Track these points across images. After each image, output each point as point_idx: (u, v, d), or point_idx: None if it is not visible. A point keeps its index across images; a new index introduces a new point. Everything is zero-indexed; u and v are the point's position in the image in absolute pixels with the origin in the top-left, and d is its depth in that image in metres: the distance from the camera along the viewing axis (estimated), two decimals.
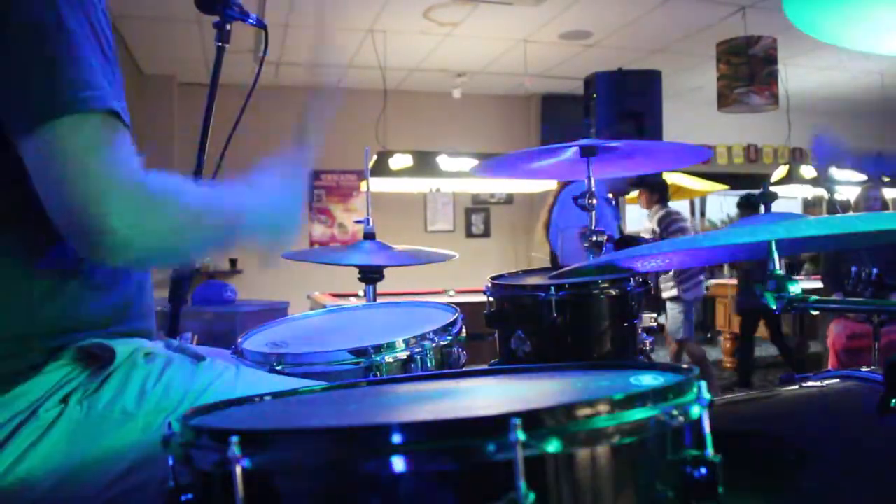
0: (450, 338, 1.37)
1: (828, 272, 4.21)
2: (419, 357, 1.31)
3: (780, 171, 6.91)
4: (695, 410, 0.60)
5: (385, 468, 0.52)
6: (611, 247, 1.88)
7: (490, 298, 1.75)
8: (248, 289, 6.08)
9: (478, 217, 8.26)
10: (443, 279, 5.20)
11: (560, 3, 5.38)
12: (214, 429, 0.60)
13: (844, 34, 0.97)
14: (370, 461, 0.52)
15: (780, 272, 0.99)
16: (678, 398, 0.60)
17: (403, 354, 1.30)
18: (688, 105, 7.63)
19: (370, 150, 2.27)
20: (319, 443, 0.55)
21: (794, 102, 6.90)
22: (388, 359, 1.28)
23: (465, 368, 1.37)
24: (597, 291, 1.66)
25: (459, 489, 0.53)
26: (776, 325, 5.50)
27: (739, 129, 8.28)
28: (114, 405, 0.92)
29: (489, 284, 1.76)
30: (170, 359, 1.02)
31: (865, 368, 1.07)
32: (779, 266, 0.99)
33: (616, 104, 4.23)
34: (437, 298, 3.47)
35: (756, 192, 6.60)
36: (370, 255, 1.94)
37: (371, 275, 2.00)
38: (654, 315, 1.79)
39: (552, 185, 3.44)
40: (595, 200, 1.79)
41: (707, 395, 0.61)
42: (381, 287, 2.04)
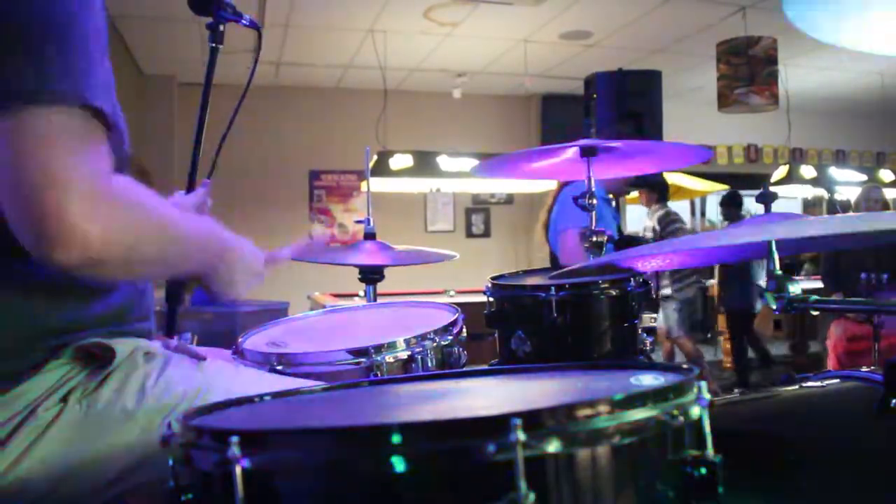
0: (450, 338, 1.37)
1: (828, 272, 4.21)
2: (420, 357, 1.31)
3: (780, 171, 6.91)
4: (695, 410, 0.60)
5: (385, 468, 0.52)
6: (611, 247, 1.88)
7: (490, 298, 1.75)
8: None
9: (478, 217, 8.26)
10: (443, 279, 5.21)
11: (560, 3, 5.38)
12: (214, 429, 0.60)
13: (844, 34, 0.97)
14: (370, 461, 0.52)
15: (780, 272, 0.99)
16: (678, 398, 0.60)
17: (404, 354, 1.30)
18: (688, 105, 7.63)
19: (370, 150, 2.27)
20: (319, 443, 0.55)
21: (794, 102, 6.90)
22: (389, 359, 1.28)
23: (466, 368, 1.37)
24: (597, 291, 1.66)
25: (460, 489, 0.53)
26: (749, 325, 5.68)
27: (739, 129, 8.28)
28: (113, 404, 0.92)
29: (489, 284, 1.76)
30: (169, 358, 1.02)
31: (865, 369, 1.07)
32: (779, 266, 0.99)
33: (616, 104, 4.23)
34: (438, 298, 3.46)
35: (738, 191, 6.68)
36: (370, 255, 1.94)
37: (371, 275, 2.00)
38: (654, 315, 1.79)
39: (552, 186, 3.44)
40: (595, 200, 1.79)
41: (707, 395, 0.61)
42: (382, 287, 2.04)
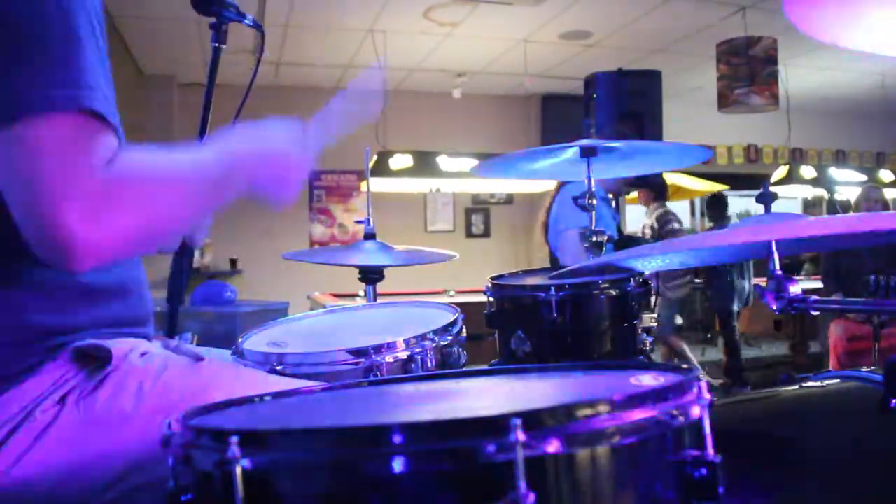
0: (450, 338, 1.37)
1: (828, 272, 4.21)
2: (419, 357, 1.31)
3: (780, 172, 6.91)
4: (695, 410, 0.60)
5: (385, 468, 0.52)
6: (610, 247, 1.88)
7: (490, 298, 1.75)
8: (248, 289, 6.09)
9: (478, 217, 8.26)
10: (443, 279, 5.20)
11: (560, 3, 5.38)
12: (214, 429, 0.59)
13: (844, 34, 0.97)
14: (370, 461, 0.52)
15: (780, 272, 0.99)
16: (678, 398, 0.60)
17: (404, 354, 1.29)
18: (688, 105, 7.63)
19: (370, 151, 2.27)
20: (319, 443, 0.55)
21: (794, 102, 6.90)
22: (389, 359, 1.28)
23: (466, 368, 1.37)
24: (597, 291, 1.66)
25: (460, 489, 0.53)
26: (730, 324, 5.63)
27: (739, 129, 8.28)
28: (111, 406, 0.92)
29: (489, 284, 1.76)
30: (168, 359, 1.02)
31: (866, 369, 1.07)
32: (779, 266, 0.99)
33: (616, 104, 4.24)
34: (437, 298, 3.47)
35: (724, 192, 6.74)
36: (370, 255, 1.94)
37: (371, 275, 2.00)
38: (654, 315, 1.79)
39: (552, 186, 3.45)
40: (595, 200, 1.79)
41: (707, 395, 0.61)
42: (381, 287, 2.04)
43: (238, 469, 0.54)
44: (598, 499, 0.56)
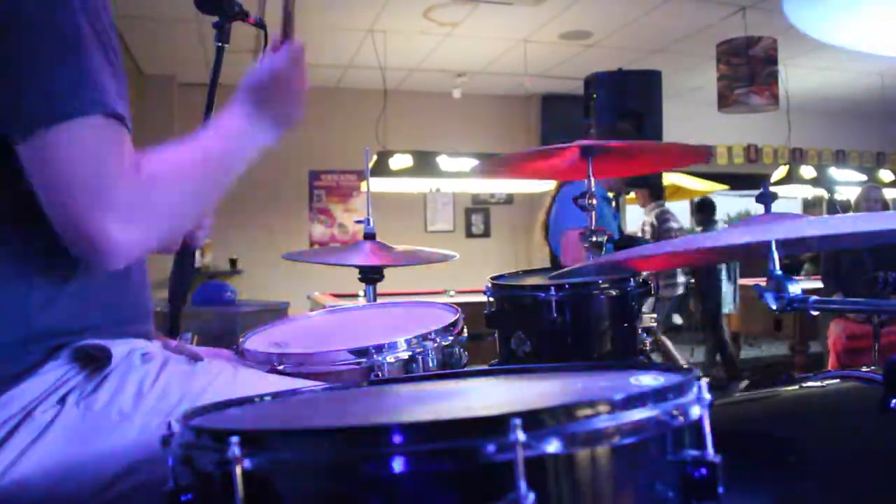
0: (451, 338, 1.37)
1: (828, 272, 4.21)
2: (420, 357, 1.31)
3: (780, 172, 6.90)
4: (695, 410, 0.60)
5: (385, 468, 0.52)
6: (611, 247, 1.88)
7: (490, 298, 1.75)
8: (248, 289, 6.08)
9: (478, 217, 8.26)
10: (443, 279, 5.20)
11: (560, 3, 5.38)
12: (214, 429, 0.60)
13: (844, 34, 0.97)
14: (370, 462, 0.52)
15: (780, 272, 0.99)
16: (678, 398, 0.60)
17: (404, 354, 1.29)
18: (688, 105, 7.62)
19: (370, 151, 2.27)
20: (320, 443, 0.55)
21: (794, 102, 6.90)
22: (389, 359, 1.28)
23: (466, 368, 1.37)
24: (597, 291, 1.66)
25: (459, 489, 0.53)
26: (718, 323, 5.78)
27: (739, 129, 8.28)
28: (111, 406, 0.92)
29: (489, 284, 1.76)
30: (167, 359, 1.02)
31: (865, 368, 1.07)
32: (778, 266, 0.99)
33: (616, 104, 4.24)
34: (438, 298, 3.46)
35: (710, 196, 6.83)
36: (370, 256, 1.94)
37: (371, 275, 2.00)
38: (654, 315, 1.79)
39: (552, 186, 3.45)
40: (595, 200, 1.79)
41: (707, 395, 0.61)
42: (381, 287, 2.04)
43: (238, 469, 0.54)
44: (598, 499, 0.56)
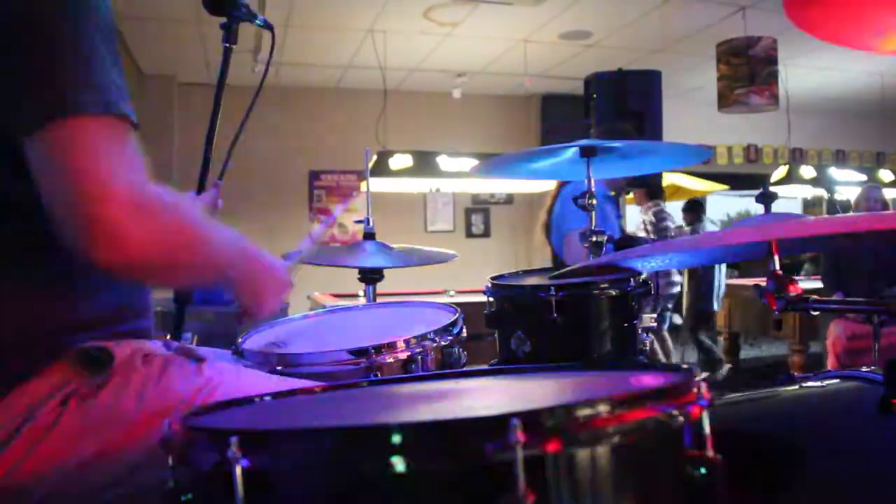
0: (450, 338, 1.37)
1: (828, 272, 4.21)
2: (419, 357, 1.31)
3: (780, 172, 6.91)
4: (695, 410, 0.60)
5: (385, 468, 0.52)
6: (611, 247, 1.88)
7: (490, 298, 1.75)
8: None
9: (478, 217, 8.26)
10: (443, 279, 5.20)
11: (560, 3, 5.38)
12: (214, 429, 0.60)
13: (844, 34, 0.97)
14: (370, 461, 0.52)
15: (780, 272, 0.99)
16: (678, 398, 0.60)
17: (404, 355, 1.30)
18: (688, 105, 7.62)
19: (370, 151, 2.27)
20: (319, 443, 0.55)
21: (794, 102, 6.90)
22: (389, 359, 1.28)
23: (466, 368, 1.37)
24: (597, 291, 1.66)
25: (459, 489, 0.53)
26: (707, 322, 6.12)
27: (739, 129, 8.28)
28: (113, 407, 0.92)
29: (489, 284, 1.76)
30: (169, 360, 1.02)
31: (865, 368, 1.07)
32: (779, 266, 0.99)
33: (616, 104, 4.23)
34: (437, 298, 3.46)
35: (697, 198, 6.93)
36: (370, 256, 1.94)
37: (371, 275, 2.00)
38: (654, 315, 1.79)
39: (552, 186, 3.44)
40: (595, 200, 1.79)
41: (707, 395, 0.61)
42: (381, 287, 2.04)
43: (238, 469, 0.54)
44: (598, 499, 0.56)
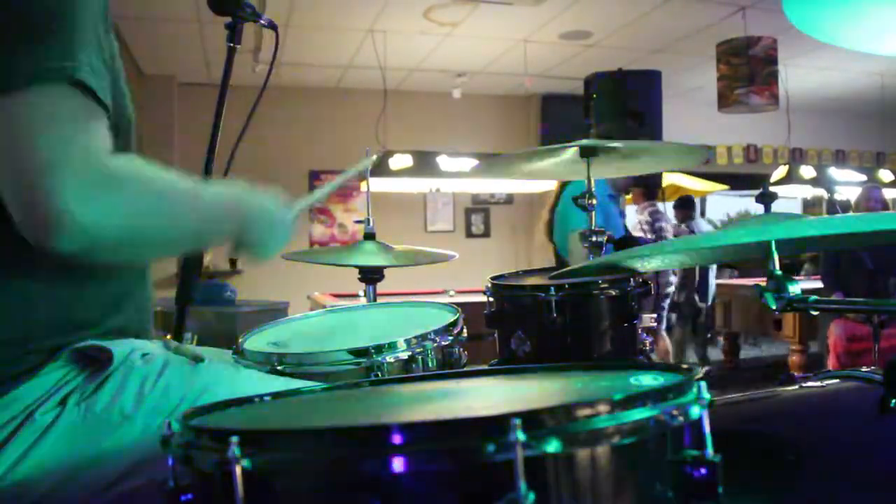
0: (451, 338, 1.37)
1: (828, 272, 4.21)
2: (420, 357, 1.31)
3: (780, 172, 6.90)
4: (695, 410, 0.60)
5: (385, 468, 0.52)
6: (611, 247, 1.88)
7: (490, 298, 1.75)
8: (248, 289, 6.07)
9: (478, 217, 8.26)
10: (443, 279, 5.20)
11: (560, 3, 5.38)
12: (214, 429, 0.60)
13: (844, 34, 0.97)
14: (370, 461, 0.52)
15: (780, 272, 0.99)
16: (678, 398, 0.60)
17: (404, 354, 1.29)
18: (688, 105, 7.62)
19: (370, 151, 2.27)
20: (319, 443, 0.55)
21: (794, 103, 6.90)
22: (389, 359, 1.28)
23: (466, 368, 1.37)
24: (597, 291, 1.66)
25: (459, 489, 0.53)
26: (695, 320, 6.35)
27: (739, 129, 8.28)
28: (112, 407, 0.92)
29: (489, 284, 1.76)
30: (168, 360, 1.01)
31: (865, 368, 1.07)
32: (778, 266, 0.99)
33: (616, 104, 4.23)
34: (437, 298, 3.46)
35: (689, 196, 7.04)
36: (370, 256, 1.94)
37: (371, 275, 2.00)
38: (654, 315, 1.79)
39: (552, 186, 3.44)
40: (595, 200, 1.79)
41: (707, 395, 0.61)
42: (381, 287, 2.04)
43: (238, 469, 0.54)
44: (598, 499, 0.56)
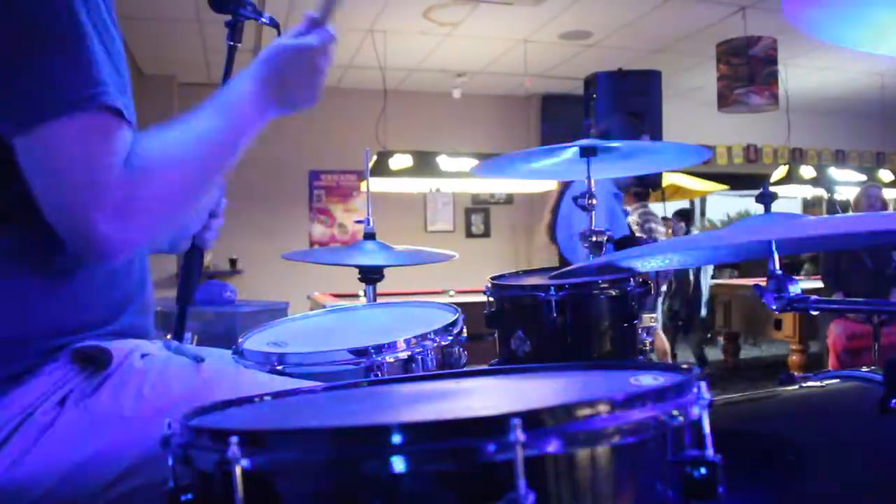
0: (451, 338, 1.37)
1: (828, 272, 4.22)
2: (420, 357, 1.31)
3: (780, 172, 6.91)
4: (695, 410, 0.60)
5: (385, 468, 0.52)
6: (611, 247, 1.88)
7: (490, 298, 1.75)
8: (248, 289, 6.08)
9: (478, 217, 8.26)
10: (443, 279, 5.20)
11: (560, 3, 5.38)
12: (214, 429, 0.60)
13: (844, 34, 0.97)
14: (370, 461, 0.52)
15: (780, 272, 0.99)
16: (678, 398, 0.60)
17: (404, 354, 1.29)
18: (688, 105, 7.63)
19: (370, 151, 2.27)
20: (319, 443, 0.55)
21: (794, 102, 6.90)
22: (389, 359, 1.28)
23: (466, 368, 1.37)
24: (597, 291, 1.66)
25: (459, 489, 0.53)
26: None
27: (739, 129, 8.28)
28: (111, 407, 0.92)
29: (489, 284, 1.76)
30: (168, 360, 1.01)
31: (865, 368, 1.07)
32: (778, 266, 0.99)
33: (616, 104, 4.23)
34: (437, 298, 3.46)
35: (687, 208, 7.25)
36: (370, 255, 1.94)
37: (371, 275, 2.00)
38: (654, 315, 1.79)
39: (552, 186, 3.44)
40: (595, 200, 1.79)
41: (707, 395, 0.61)
42: (381, 287, 2.04)
43: (238, 469, 0.54)
44: (598, 499, 0.56)
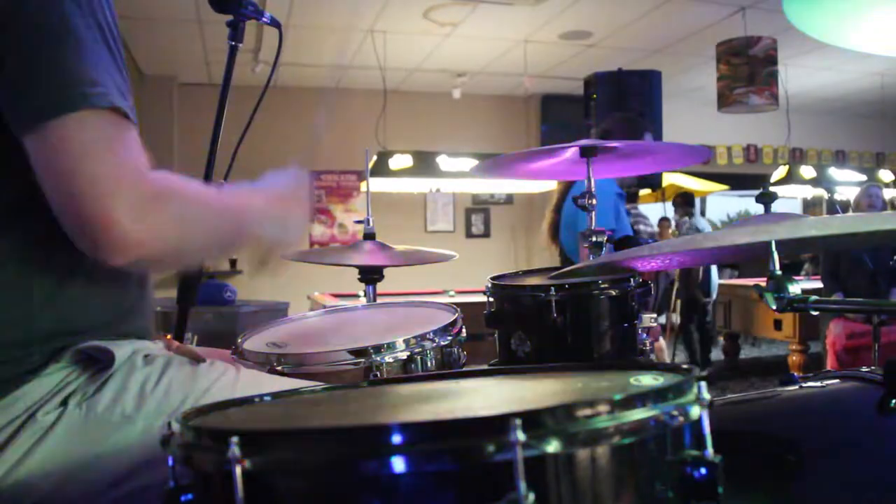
0: (450, 338, 1.37)
1: (828, 272, 4.21)
2: (419, 357, 1.31)
3: (780, 172, 6.91)
4: (695, 410, 0.60)
5: (385, 468, 0.52)
6: (611, 247, 1.88)
7: (490, 298, 1.75)
8: (248, 289, 6.07)
9: (478, 217, 8.27)
10: (443, 279, 5.20)
11: (560, 3, 5.38)
12: (214, 429, 0.60)
13: (844, 34, 0.97)
14: (370, 461, 0.52)
15: (780, 272, 0.99)
16: (678, 398, 0.60)
17: (403, 354, 1.29)
18: (688, 105, 7.63)
19: (370, 151, 2.27)
20: (319, 443, 0.55)
21: (794, 103, 6.91)
22: (389, 359, 1.28)
23: (465, 368, 1.37)
24: (597, 291, 1.66)
25: (459, 489, 0.53)
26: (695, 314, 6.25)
27: (739, 130, 8.29)
28: (113, 408, 0.92)
29: (489, 284, 1.76)
30: (169, 360, 1.02)
31: (865, 368, 1.07)
32: (778, 266, 0.99)
33: (616, 104, 4.24)
34: (437, 298, 3.46)
35: (688, 192, 7.09)
36: (370, 255, 1.94)
37: (371, 275, 2.00)
38: (654, 315, 1.79)
39: (552, 186, 3.44)
40: (594, 200, 1.79)
41: (707, 395, 0.61)
42: (381, 287, 2.04)
43: (238, 469, 0.54)
44: (598, 499, 0.56)
